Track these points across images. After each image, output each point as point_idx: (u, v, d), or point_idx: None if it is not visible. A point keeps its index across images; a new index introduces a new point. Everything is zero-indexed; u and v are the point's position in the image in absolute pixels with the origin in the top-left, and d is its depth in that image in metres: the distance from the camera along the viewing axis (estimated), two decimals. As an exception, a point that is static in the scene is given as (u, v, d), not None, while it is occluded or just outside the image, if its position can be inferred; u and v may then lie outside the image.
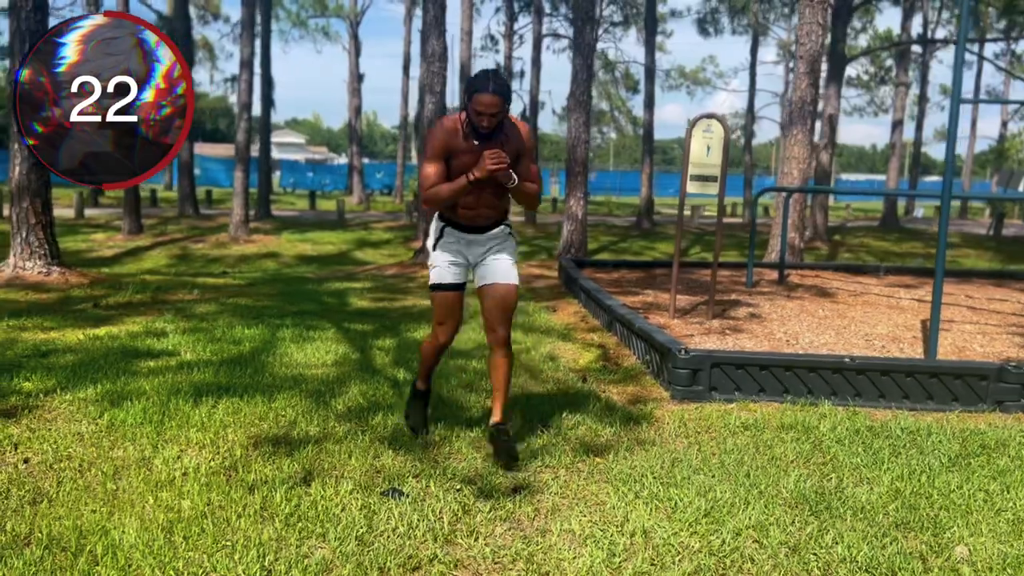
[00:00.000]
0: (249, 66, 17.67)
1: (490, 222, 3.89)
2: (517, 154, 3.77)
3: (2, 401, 4.56)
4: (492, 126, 3.59)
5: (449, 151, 3.69)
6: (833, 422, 4.60)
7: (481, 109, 3.52)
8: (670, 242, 22.98)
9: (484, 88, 3.52)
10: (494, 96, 3.51)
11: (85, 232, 18.74)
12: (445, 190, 3.66)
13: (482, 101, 3.51)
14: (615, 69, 43.53)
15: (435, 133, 3.71)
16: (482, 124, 3.57)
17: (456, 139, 3.68)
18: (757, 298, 8.67)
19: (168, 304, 8.08)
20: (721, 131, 7.07)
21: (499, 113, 3.56)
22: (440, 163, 3.69)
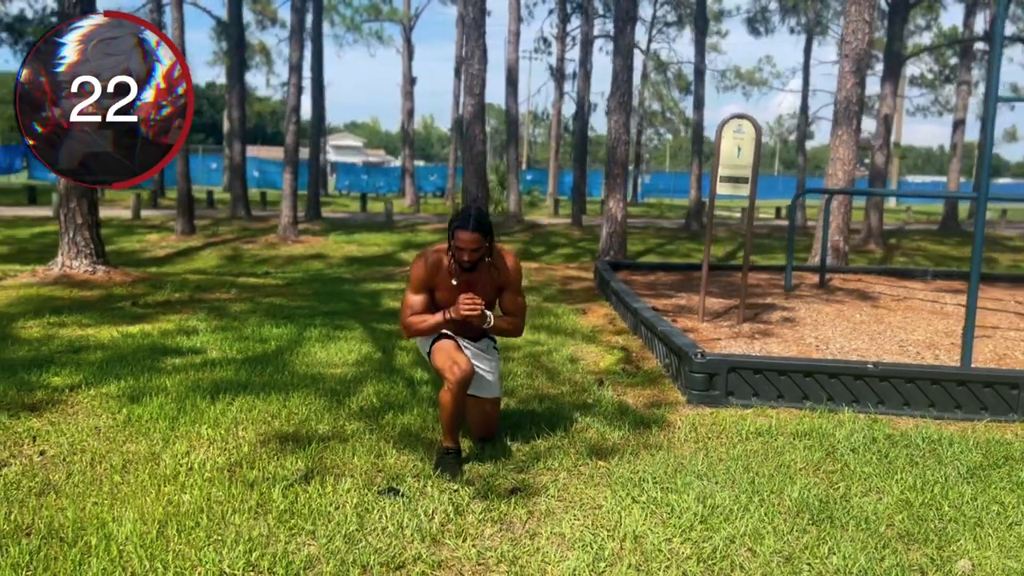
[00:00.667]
0: (298, 70, 17.97)
1: (477, 336, 3.98)
2: (500, 287, 3.90)
3: (29, 395, 4.71)
4: (473, 261, 3.69)
5: (432, 284, 3.82)
6: (850, 430, 4.48)
7: (462, 245, 3.64)
8: (718, 245, 22.67)
9: (465, 226, 3.64)
10: (473, 233, 3.63)
11: (140, 233, 19.27)
12: (424, 325, 3.81)
13: (462, 238, 3.64)
14: (667, 70, 43.23)
15: (418, 266, 3.83)
16: (463, 259, 3.68)
17: (440, 273, 3.81)
18: (794, 302, 8.50)
19: (205, 303, 8.26)
20: (752, 131, 6.95)
21: (479, 249, 3.67)
22: (422, 294, 3.83)
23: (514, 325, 3.97)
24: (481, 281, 3.82)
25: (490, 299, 3.88)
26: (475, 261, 3.69)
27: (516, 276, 3.93)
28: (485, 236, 3.67)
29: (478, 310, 3.67)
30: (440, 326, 3.80)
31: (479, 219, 3.67)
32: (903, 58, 21.93)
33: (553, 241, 21.55)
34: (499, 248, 3.92)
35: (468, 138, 12.02)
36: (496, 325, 3.86)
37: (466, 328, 3.88)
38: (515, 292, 3.94)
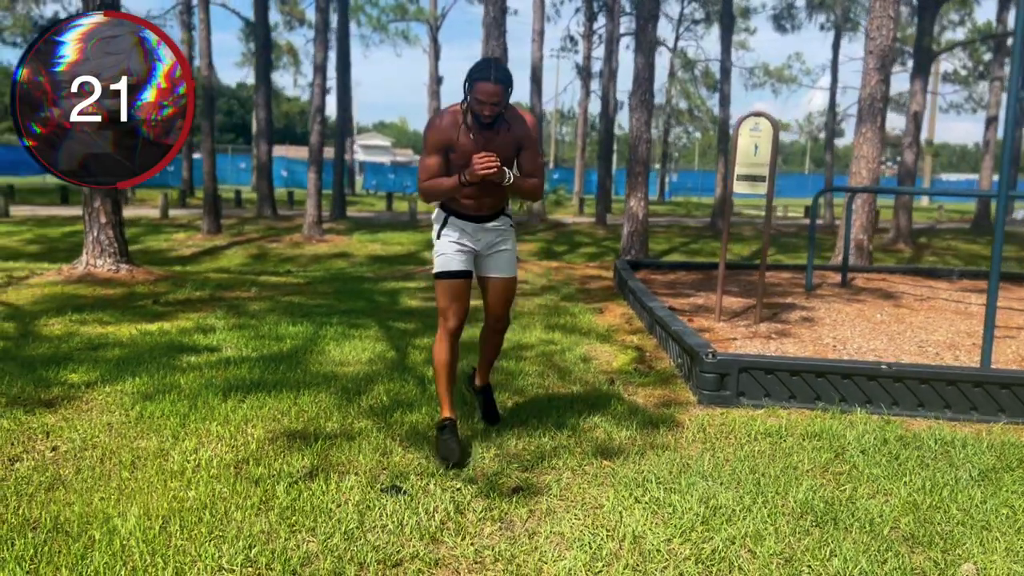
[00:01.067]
0: (323, 70, 18.09)
1: (493, 212, 3.90)
2: (519, 145, 3.76)
3: (46, 391, 4.80)
4: (494, 115, 3.55)
5: (448, 144, 3.68)
6: (861, 431, 4.42)
7: (483, 98, 3.50)
8: (744, 243, 22.51)
9: (486, 76, 3.47)
10: (496, 85, 3.48)
11: (168, 232, 19.53)
12: (441, 187, 3.69)
13: (484, 90, 3.48)
14: (695, 67, 42.95)
15: (433, 127, 3.69)
16: (484, 113, 3.53)
17: (455, 132, 3.66)
18: (814, 301, 8.41)
19: (224, 301, 8.35)
20: (770, 129, 6.89)
21: (501, 102, 3.53)
22: (438, 156, 3.69)
23: (534, 185, 3.82)
24: (498, 139, 3.67)
25: (508, 157, 3.73)
26: (495, 116, 3.55)
27: (534, 133, 3.81)
28: (506, 88, 3.51)
29: (495, 167, 3.52)
30: (456, 189, 3.65)
31: (500, 68, 3.50)
32: (933, 54, 21.61)
33: (577, 240, 21.53)
34: (513, 107, 3.76)
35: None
36: (515, 184, 3.71)
37: (482, 203, 3.78)
38: (534, 151, 3.80)
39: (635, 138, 12.41)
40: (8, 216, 20.81)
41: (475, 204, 3.83)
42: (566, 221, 26.73)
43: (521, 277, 11.04)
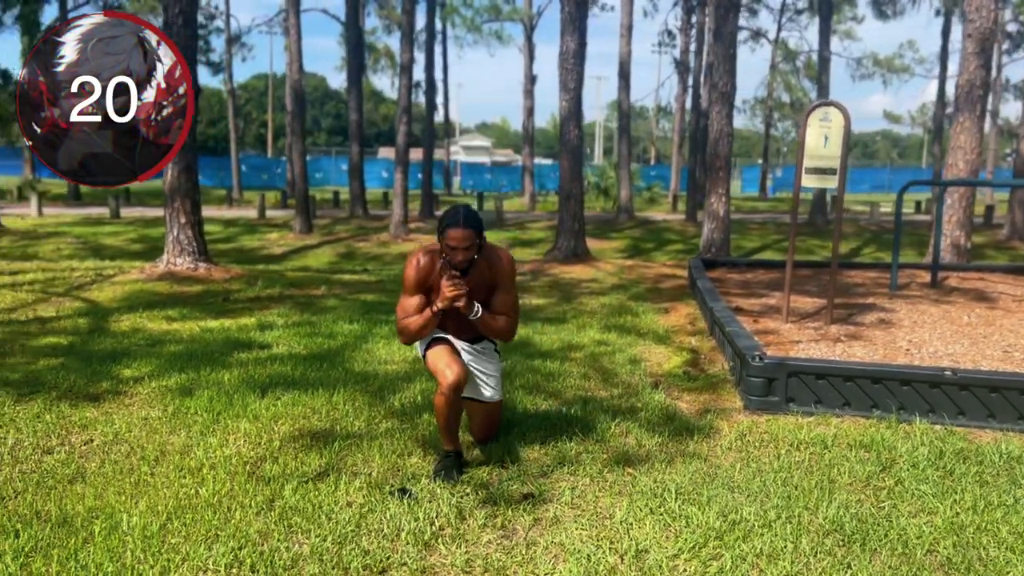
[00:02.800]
0: (408, 71, 18.30)
1: (475, 337, 3.85)
2: (492, 286, 3.72)
3: (95, 385, 4.95)
4: (466, 260, 3.54)
5: (427, 285, 3.68)
6: (916, 443, 4.08)
7: (453, 244, 3.50)
8: (844, 241, 21.55)
9: (455, 223, 3.50)
10: (465, 230, 3.49)
11: (262, 231, 20.17)
12: (415, 325, 3.66)
13: (454, 236, 3.49)
14: (796, 59, 41.45)
15: (410, 267, 3.69)
16: (456, 259, 3.53)
17: (432, 274, 3.67)
18: (897, 302, 7.91)
19: (293, 299, 8.51)
20: (841, 120, 6.49)
21: (471, 247, 3.52)
22: (416, 295, 3.68)
23: (503, 323, 3.76)
24: (474, 280, 3.66)
25: (483, 298, 3.71)
26: (468, 261, 3.54)
27: (509, 273, 3.75)
28: (477, 233, 3.53)
29: (463, 290, 3.51)
30: (431, 322, 3.64)
31: (469, 215, 3.53)
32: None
33: (664, 238, 21.10)
34: (491, 245, 3.75)
35: (563, 134, 11.87)
36: (483, 318, 3.67)
37: (461, 328, 3.76)
38: (507, 290, 3.75)
39: (716, 133, 12.01)
40: (119, 217, 21.94)
41: (456, 329, 3.79)
42: (656, 218, 26.24)
43: (590, 275, 10.86)
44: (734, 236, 21.60)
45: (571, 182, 12.01)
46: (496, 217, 22.25)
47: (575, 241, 12.23)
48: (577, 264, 11.77)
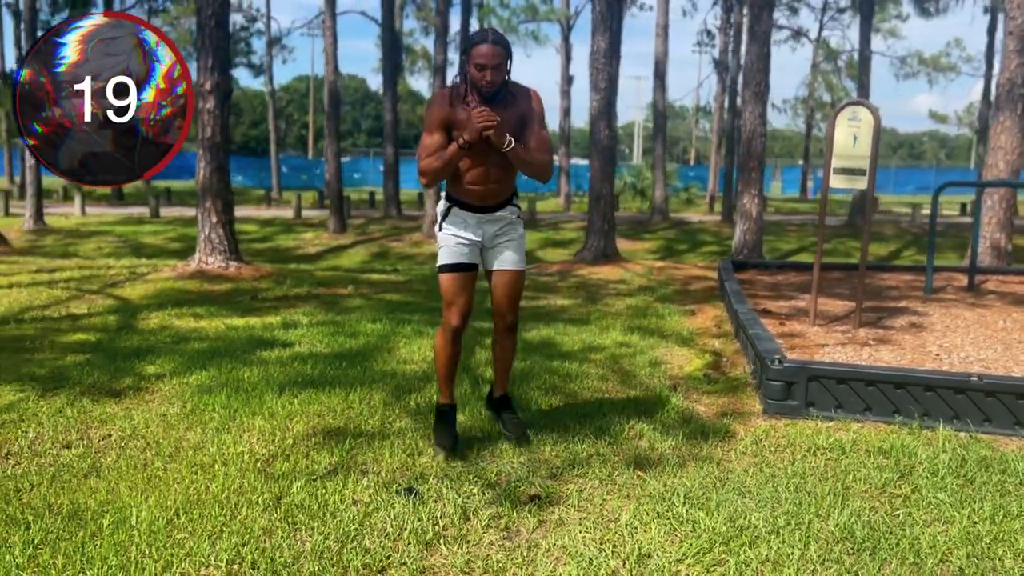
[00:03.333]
0: (442, 72, 18.37)
1: (499, 200, 3.73)
2: (523, 119, 3.59)
3: (118, 381, 5.04)
4: (495, 82, 3.39)
5: (449, 122, 3.53)
6: (937, 450, 3.98)
7: (482, 61, 3.35)
8: (884, 243, 21.19)
9: (483, 39, 3.37)
10: (493, 46, 3.34)
11: (298, 231, 20.41)
12: (439, 162, 3.52)
13: (481, 52, 3.35)
14: (838, 58, 40.81)
15: (433, 102, 3.58)
16: (484, 79, 3.37)
17: (456, 108, 3.52)
18: (931, 306, 7.74)
19: (319, 298, 8.58)
20: (870, 119, 6.37)
21: (500, 66, 3.38)
22: (438, 134, 3.54)
23: (536, 157, 3.62)
24: (503, 116, 3.49)
25: (513, 135, 3.55)
26: (496, 83, 3.40)
27: (539, 106, 3.64)
28: (506, 51, 3.39)
29: (493, 121, 3.37)
30: (456, 157, 3.49)
31: (496, 32, 3.42)
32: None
33: (699, 239, 20.92)
34: (517, 82, 3.63)
35: (593, 134, 11.83)
36: (515, 150, 3.52)
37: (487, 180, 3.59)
38: (539, 125, 3.63)
39: (749, 132, 11.87)
40: (159, 217, 22.38)
41: (480, 190, 3.65)
42: (691, 219, 26.02)
43: (619, 276, 10.79)
44: (771, 238, 21.35)
45: (601, 182, 11.95)
46: (529, 217, 22.23)
47: (604, 242, 12.17)
48: (606, 265, 11.71)
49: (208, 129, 9.34)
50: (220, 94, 9.38)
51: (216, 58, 9.24)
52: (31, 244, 15.58)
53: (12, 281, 9.05)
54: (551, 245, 18.89)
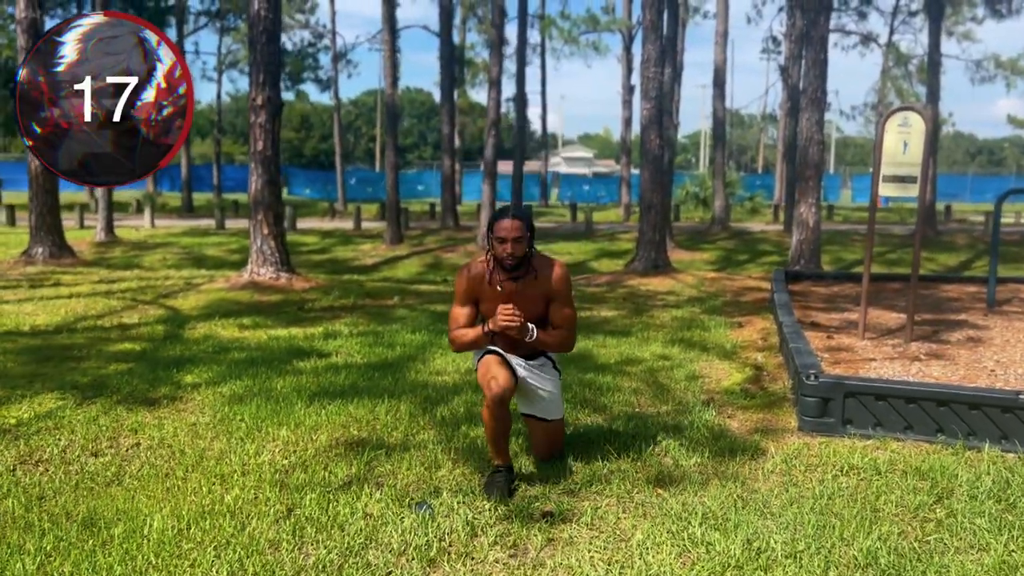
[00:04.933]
0: (497, 85, 18.43)
1: (529, 354, 3.77)
2: (546, 298, 3.68)
3: (155, 390, 5.13)
4: (516, 254, 3.52)
5: (476, 295, 3.69)
6: (979, 472, 3.77)
7: (503, 235, 3.50)
8: (954, 253, 20.41)
9: (503, 214, 3.55)
10: (513, 220, 3.51)
11: (356, 242, 20.65)
12: (467, 337, 3.67)
13: (503, 226, 3.52)
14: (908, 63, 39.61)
15: (461, 277, 3.72)
16: (505, 252, 3.51)
17: (482, 284, 3.67)
18: (993, 319, 7.39)
19: (365, 309, 8.64)
20: (921, 125, 6.13)
21: (520, 239, 3.51)
22: (467, 306, 3.71)
23: (561, 338, 3.73)
24: (527, 291, 3.64)
25: (537, 311, 3.68)
26: (518, 257, 3.53)
27: (564, 285, 3.70)
28: (525, 225, 3.53)
29: (517, 320, 3.50)
30: (482, 339, 3.65)
31: (517, 208, 3.58)
32: None
33: (759, 249, 20.47)
34: (544, 256, 3.72)
35: (644, 143, 11.68)
36: (539, 339, 3.64)
37: (513, 344, 3.70)
38: (563, 303, 3.71)
39: (805, 140, 11.58)
40: (224, 228, 22.94)
41: (508, 346, 3.72)
42: (753, 229, 25.51)
43: (668, 288, 10.61)
44: (835, 247, 20.78)
45: (652, 192, 11.79)
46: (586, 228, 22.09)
47: (655, 252, 11.99)
48: (656, 276, 11.54)
49: (259, 143, 9.52)
50: (271, 108, 9.56)
51: (267, 73, 9.43)
52: (99, 255, 16.12)
53: (73, 291, 9.36)
54: (605, 256, 18.73)
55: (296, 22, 39.68)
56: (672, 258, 13.98)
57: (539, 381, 3.78)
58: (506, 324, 3.50)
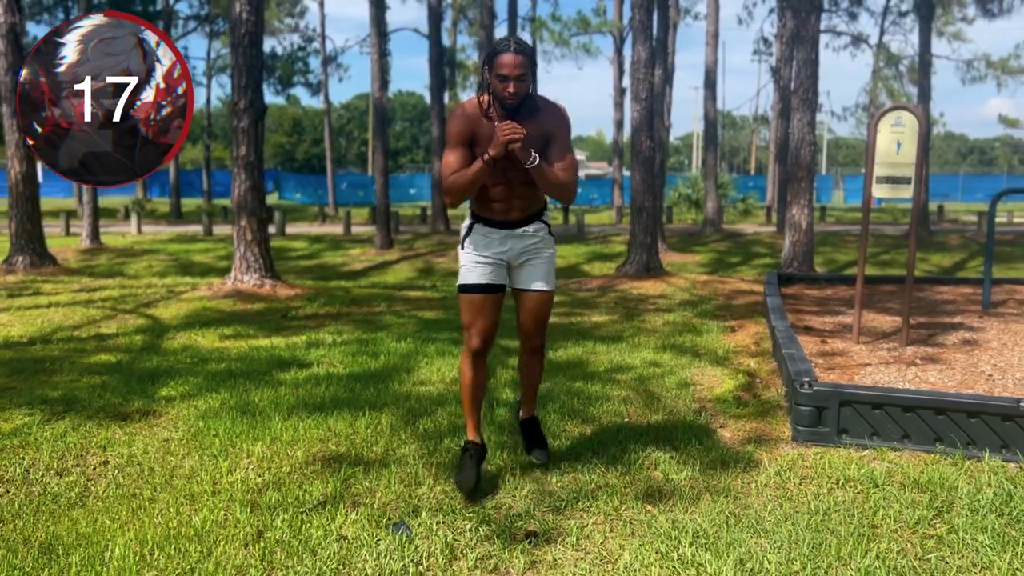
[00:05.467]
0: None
1: (526, 215, 3.53)
2: (547, 137, 3.39)
3: (128, 404, 4.96)
4: (519, 93, 3.20)
5: (472, 137, 3.36)
6: (981, 484, 3.63)
7: (505, 72, 3.17)
8: (948, 253, 20.36)
9: (505, 48, 3.20)
10: (516, 55, 3.17)
11: (346, 247, 20.51)
12: (463, 179, 3.32)
13: (504, 62, 3.17)
14: (899, 63, 39.65)
15: (455, 116, 3.40)
16: (507, 91, 3.19)
17: (478, 123, 3.34)
18: (989, 321, 7.27)
19: (350, 316, 8.48)
20: (915, 124, 6.00)
21: (524, 76, 3.19)
22: (462, 149, 3.37)
23: (563, 178, 3.41)
24: (527, 131, 3.29)
25: (537, 151, 3.35)
26: (521, 96, 3.22)
27: (565, 125, 3.44)
28: (529, 59, 3.21)
29: (520, 135, 3.17)
30: (482, 174, 3.29)
31: (519, 40, 3.25)
32: None
33: (752, 251, 20.38)
34: (544, 97, 3.44)
35: (635, 145, 11.55)
36: (540, 167, 3.31)
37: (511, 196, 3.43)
38: (563, 145, 3.43)
39: (797, 141, 11.46)
40: (211, 235, 22.78)
41: (504, 206, 3.49)
42: (746, 231, 25.43)
43: (660, 291, 10.47)
44: (828, 249, 20.69)
45: (643, 194, 11.66)
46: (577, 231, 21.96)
47: (647, 255, 11.86)
48: (648, 279, 11.40)
49: (242, 147, 9.36)
50: (254, 112, 9.40)
51: (249, 77, 9.26)
52: (84, 263, 15.92)
53: (53, 301, 9.17)
54: (598, 259, 18.60)
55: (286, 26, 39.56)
56: (664, 260, 13.86)
57: (533, 250, 3.57)
58: (509, 137, 3.16)
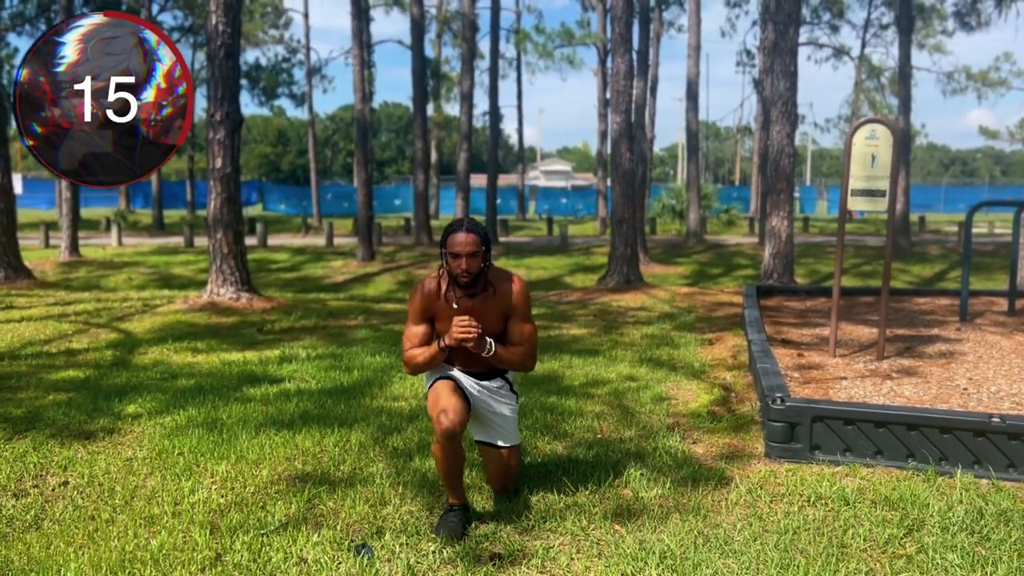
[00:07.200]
0: (469, 98, 18.29)
1: (486, 371, 3.55)
2: (505, 314, 3.47)
3: (93, 422, 4.86)
4: (471, 270, 3.30)
5: (430, 313, 3.47)
6: (952, 501, 3.60)
7: (457, 250, 3.29)
8: (928, 264, 20.48)
9: (458, 228, 3.33)
10: (467, 234, 3.29)
11: (328, 259, 20.39)
12: (421, 358, 3.42)
13: (457, 241, 3.29)
14: (880, 75, 40.00)
15: (414, 295, 3.50)
16: (460, 269, 3.29)
17: (436, 301, 3.44)
18: (966, 334, 7.27)
19: (326, 330, 8.40)
20: (888, 136, 6.00)
21: (476, 254, 3.29)
22: (421, 324, 3.48)
23: (521, 356, 3.48)
24: (484, 308, 3.41)
25: (495, 329, 3.45)
26: (473, 273, 3.31)
27: (523, 300, 3.48)
28: (481, 240, 3.31)
29: (473, 332, 3.25)
30: (437, 357, 3.41)
31: (471, 222, 3.37)
32: None
33: (734, 262, 20.41)
34: (502, 270, 3.52)
35: (614, 157, 11.54)
36: (498, 354, 3.39)
37: (470, 361, 3.49)
38: (522, 319, 3.48)
39: (776, 151, 11.49)
40: (192, 246, 22.58)
41: (464, 363, 3.53)
42: (728, 242, 25.50)
43: (640, 304, 10.44)
44: (809, 260, 20.76)
45: (623, 207, 11.65)
46: (561, 242, 21.94)
47: (628, 268, 11.84)
48: (629, 292, 11.37)
49: (218, 159, 9.27)
50: (230, 124, 9.32)
51: (226, 89, 9.19)
52: (63, 276, 15.74)
53: (25, 315, 9.04)
54: (580, 270, 18.57)
55: (270, 37, 39.43)
56: (646, 272, 13.85)
57: (495, 405, 3.57)
58: (462, 336, 3.26)
